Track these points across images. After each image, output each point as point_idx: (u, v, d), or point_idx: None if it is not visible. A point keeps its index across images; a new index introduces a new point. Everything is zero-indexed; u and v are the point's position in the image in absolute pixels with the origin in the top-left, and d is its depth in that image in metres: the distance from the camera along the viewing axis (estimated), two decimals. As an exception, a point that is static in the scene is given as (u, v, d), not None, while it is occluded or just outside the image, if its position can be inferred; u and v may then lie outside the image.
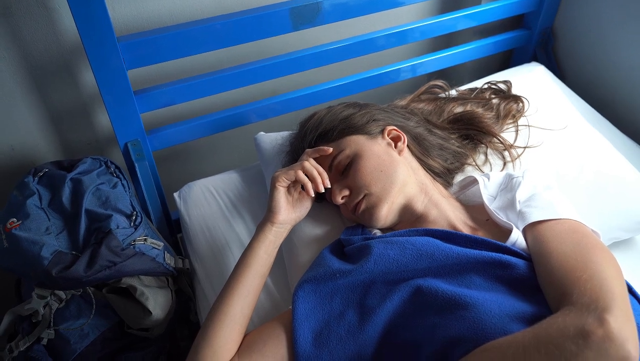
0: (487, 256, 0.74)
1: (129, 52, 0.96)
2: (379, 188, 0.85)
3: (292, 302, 0.78)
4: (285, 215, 0.86)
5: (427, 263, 0.75)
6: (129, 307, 0.96)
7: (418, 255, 0.76)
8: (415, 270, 0.76)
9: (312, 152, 0.89)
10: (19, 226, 0.91)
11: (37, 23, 1.01)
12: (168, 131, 1.15)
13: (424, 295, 0.72)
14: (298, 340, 0.74)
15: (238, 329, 0.78)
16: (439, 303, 0.70)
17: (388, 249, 0.78)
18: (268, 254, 0.84)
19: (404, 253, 0.77)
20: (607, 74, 1.38)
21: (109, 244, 0.91)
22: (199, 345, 0.76)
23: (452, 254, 0.75)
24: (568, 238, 0.73)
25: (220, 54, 1.14)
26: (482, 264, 0.74)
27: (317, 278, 0.79)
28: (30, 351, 0.93)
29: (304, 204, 0.90)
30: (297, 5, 1.06)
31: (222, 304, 0.78)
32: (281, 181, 0.85)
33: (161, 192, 1.17)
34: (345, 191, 0.87)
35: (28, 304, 0.92)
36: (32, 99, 1.11)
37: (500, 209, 0.86)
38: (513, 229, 0.78)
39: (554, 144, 1.08)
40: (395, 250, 0.77)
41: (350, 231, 0.90)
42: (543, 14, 1.42)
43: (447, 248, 0.76)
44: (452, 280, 0.74)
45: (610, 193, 1.04)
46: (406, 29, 1.26)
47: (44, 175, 1.02)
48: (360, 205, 0.86)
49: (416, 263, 0.76)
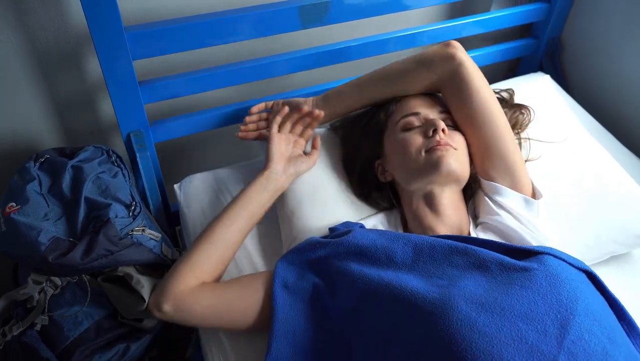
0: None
1: (135, 43, 0.96)
2: (462, 162, 0.90)
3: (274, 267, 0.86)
4: (278, 164, 0.96)
5: (402, 245, 0.80)
6: (124, 296, 0.96)
7: (394, 237, 0.81)
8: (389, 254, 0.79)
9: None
10: (17, 211, 0.91)
11: (46, 9, 1.01)
12: (171, 123, 1.15)
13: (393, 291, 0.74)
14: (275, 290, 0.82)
15: (217, 254, 0.87)
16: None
17: (370, 232, 0.83)
18: (258, 195, 0.93)
19: (383, 235, 0.82)
20: (613, 86, 1.38)
21: (107, 233, 0.91)
22: (177, 262, 0.86)
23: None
24: None
25: (227, 49, 1.14)
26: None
27: (299, 248, 0.86)
28: (24, 336, 0.93)
29: (303, 160, 0.99)
30: (306, 3, 1.06)
31: (206, 229, 0.89)
32: (274, 129, 0.99)
33: (161, 183, 1.18)
34: (446, 130, 0.90)
35: (23, 289, 0.92)
36: (36, 84, 1.11)
37: None
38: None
39: (554, 155, 1.07)
40: (376, 233, 0.83)
41: (346, 224, 0.92)
42: (552, 23, 1.41)
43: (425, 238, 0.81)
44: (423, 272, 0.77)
45: (609, 205, 1.04)
46: (414, 32, 1.26)
47: (45, 161, 1.02)
48: (449, 145, 0.88)
49: (392, 243, 0.80)
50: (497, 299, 0.68)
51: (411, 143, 0.90)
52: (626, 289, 0.96)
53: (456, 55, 0.92)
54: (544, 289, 0.69)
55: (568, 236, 1.00)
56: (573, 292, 0.68)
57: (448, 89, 0.94)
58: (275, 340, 0.77)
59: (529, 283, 0.69)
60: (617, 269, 1.06)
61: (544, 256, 0.74)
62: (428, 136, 0.89)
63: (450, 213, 0.89)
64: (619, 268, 1.07)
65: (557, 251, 0.76)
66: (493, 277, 0.72)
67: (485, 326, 0.65)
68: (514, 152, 0.91)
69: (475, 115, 0.91)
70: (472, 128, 0.92)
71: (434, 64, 0.94)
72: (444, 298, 0.68)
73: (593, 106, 1.38)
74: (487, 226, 0.88)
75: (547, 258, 0.73)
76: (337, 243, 0.83)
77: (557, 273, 0.70)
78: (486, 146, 0.91)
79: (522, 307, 0.67)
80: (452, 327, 0.65)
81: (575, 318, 0.65)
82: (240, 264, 0.99)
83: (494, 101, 0.92)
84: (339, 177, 1.03)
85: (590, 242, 1.02)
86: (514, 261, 0.74)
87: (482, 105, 0.91)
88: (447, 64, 0.93)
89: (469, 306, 0.67)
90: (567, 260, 0.75)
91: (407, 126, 0.93)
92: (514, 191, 0.89)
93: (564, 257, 0.75)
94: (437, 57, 0.94)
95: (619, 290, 0.79)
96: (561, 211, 1.02)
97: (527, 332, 0.64)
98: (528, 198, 0.89)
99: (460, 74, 0.91)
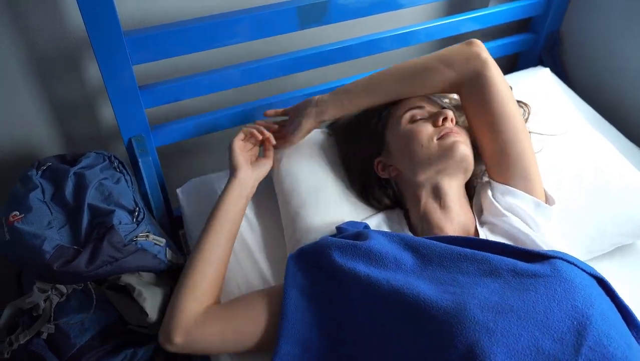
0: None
1: (135, 47, 0.96)
2: (471, 152, 0.89)
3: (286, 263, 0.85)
4: (244, 171, 0.95)
5: (410, 255, 0.79)
6: (127, 304, 0.96)
7: (404, 245, 0.80)
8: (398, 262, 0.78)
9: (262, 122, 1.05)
10: (21, 220, 0.91)
11: (44, 15, 1.01)
12: (172, 127, 1.14)
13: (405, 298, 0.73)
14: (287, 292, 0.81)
15: (213, 271, 0.86)
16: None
17: (382, 238, 0.82)
18: (235, 203, 0.93)
19: (392, 241, 0.81)
20: (613, 78, 1.37)
21: (111, 240, 0.90)
22: (177, 289, 0.85)
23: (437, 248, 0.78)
24: None
25: (226, 51, 1.13)
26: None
27: (314, 249, 0.84)
28: (31, 344, 0.93)
29: (263, 163, 1.01)
30: (305, 4, 1.06)
31: (196, 250, 0.88)
32: (234, 141, 0.98)
33: (164, 188, 1.17)
34: (454, 119, 0.90)
35: (29, 297, 0.92)
36: (36, 91, 1.10)
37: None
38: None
39: (556, 148, 1.07)
40: (386, 240, 0.82)
41: (351, 223, 0.91)
42: (550, 17, 1.41)
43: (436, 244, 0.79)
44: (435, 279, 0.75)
45: (612, 197, 1.04)
46: (412, 30, 1.25)
47: (47, 169, 1.02)
48: (457, 135, 0.88)
49: (402, 253, 0.79)
50: (512, 306, 0.66)
51: (421, 132, 0.89)
52: (629, 282, 0.97)
53: (481, 54, 0.89)
54: (559, 295, 0.67)
55: (571, 229, 1.01)
56: (588, 298, 0.67)
57: (469, 90, 0.91)
58: (284, 341, 0.76)
59: (544, 289, 0.68)
60: (621, 261, 1.06)
61: (556, 261, 0.73)
62: (438, 125, 0.88)
63: (457, 209, 0.88)
64: (623, 260, 1.07)
65: (567, 256, 0.75)
66: (506, 283, 0.71)
67: (504, 337, 0.63)
68: (530, 156, 0.89)
69: (495, 118, 0.88)
70: (489, 131, 0.89)
71: (456, 63, 0.90)
72: (459, 306, 0.67)
73: (593, 98, 1.38)
74: (493, 226, 0.87)
75: (559, 263, 0.72)
76: (352, 247, 0.80)
77: (571, 279, 0.69)
78: (503, 149, 0.88)
79: (538, 315, 0.66)
80: (470, 337, 0.63)
81: (592, 324, 0.64)
82: (243, 263, 1.00)
83: (514, 104, 0.90)
84: (342, 177, 1.03)
85: (594, 234, 1.02)
86: (525, 266, 0.72)
87: (503, 107, 0.88)
88: (470, 63, 0.89)
89: (484, 315, 0.65)
90: (578, 265, 0.73)
91: (414, 118, 0.92)
92: (527, 194, 0.88)
93: (575, 262, 0.74)
94: (460, 56, 0.90)
95: (623, 283, 0.79)
96: (564, 204, 1.01)
97: (543, 341, 0.63)
98: (540, 202, 0.88)
99: (484, 75, 0.88)
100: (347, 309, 0.78)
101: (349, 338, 0.76)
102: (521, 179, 0.88)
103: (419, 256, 0.78)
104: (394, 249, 0.79)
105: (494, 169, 0.91)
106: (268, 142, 1.01)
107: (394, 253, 0.78)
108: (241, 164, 0.96)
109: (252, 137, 1.00)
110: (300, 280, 0.81)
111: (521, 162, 0.88)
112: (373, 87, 0.97)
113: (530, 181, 0.88)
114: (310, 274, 0.82)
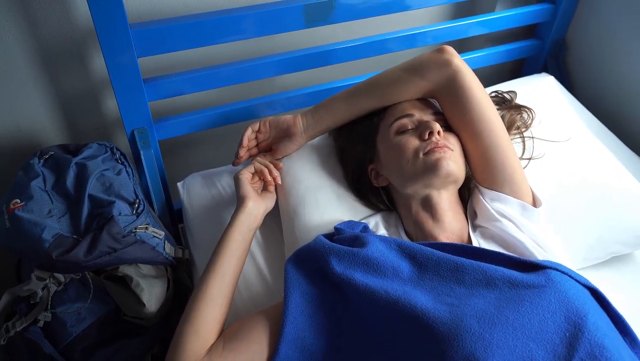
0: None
1: (140, 40, 0.96)
2: (459, 163, 0.89)
3: (284, 271, 0.83)
4: (254, 202, 0.93)
5: (408, 263, 0.78)
6: (125, 295, 0.97)
7: (401, 253, 0.79)
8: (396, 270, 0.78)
9: (261, 158, 1.01)
10: (21, 207, 0.91)
11: (51, 6, 1.01)
12: (175, 120, 1.15)
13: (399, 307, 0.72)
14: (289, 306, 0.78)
15: (218, 309, 0.82)
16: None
17: (380, 245, 0.81)
18: (243, 237, 0.90)
19: (390, 248, 0.80)
20: (617, 87, 1.37)
21: (110, 231, 0.91)
22: (181, 325, 0.80)
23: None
24: None
25: (232, 47, 1.14)
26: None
27: (309, 251, 0.83)
28: (27, 332, 0.93)
29: (269, 196, 0.99)
30: (311, 2, 1.06)
31: (202, 285, 0.84)
32: (244, 173, 0.96)
33: (165, 181, 1.18)
34: (441, 132, 0.88)
35: (27, 285, 0.93)
36: (41, 81, 1.11)
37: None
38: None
39: (557, 155, 1.07)
40: (385, 246, 0.81)
41: (350, 223, 0.91)
42: (556, 24, 1.41)
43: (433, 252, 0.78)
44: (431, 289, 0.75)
45: (611, 205, 1.04)
46: (418, 32, 1.25)
47: (50, 158, 1.02)
48: (446, 147, 0.87)
49: (399, 261, 0.78)
50: (508, 318, 0.67)
51: (407, 146, 0.88)
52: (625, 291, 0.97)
53: (452, 62, 0.89)
54: (554, 306, 0.68)
55: (571, 236, 1.00)
56: (582, 308, 0.68)
57: (444, 98, 0.91)
58: (284, 344, 0.76)
59: (539, 301, 0.68)
60: (617, 270, 1.06)
61: (550, 271, 0.73)
62: (424, 139, 0.87)
63: (450, 219, 0.88)
64: (620, 269, 1.07)
65: (562, 266, 0.75)
66: (502, 294, 0.71)
67: (499, 348, 0.64)
68: (512, 160, 0.89)
69: (473, 123, 0.88)
70: (470, 136, 0.90)
71: (428, 72, 0.90)
72: (455, 317, 0.67)
73: (597, 107, 1.38)
74: (487, 232, 0.87)
75: (553, 273, 0.72)
76: (350, 254, 0.79)
77: (565, 290, 0.69)
78: (484, 154, 0.89)
79: (532, 326, 0.66)
80: (466, 347, 0.64)
81: (585, 335, 0.65)
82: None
83: (491, 108, 0.90)
84: (341, 176, 1.03)
85: (593, 242, 1.02)
86: (520, 276, 0.72)
87: (480, 113, 0.88)
88: (442, 72, 0.89)
89: (481, 326, 0.66)
90: (572, 276, 0.74)
91: (401, 128, 0.91)
92: (513, 198, 0.88)
93: (569, 272, 0.74)
94: (431, 65, 0.90)
95: (618, 291, 0.79)
96: (564, 211, 1.02)
97: (537, 352, 0.64)
98: (527, 205, 0.88)
99: (457, 82, 0.88)
100: (347, 316, 0.78)
101: (348, 345, 0.76)
102: (506, 182, 0.88)
103: (416, 264, 0.78)
104: (391, 256, 0.79)
105: (479, 175, 0.91)
106: (275, 181, 0.99)
107: (391, 261, 0.78)
108: (251, 194, 0.94)
109: (261, 174, 0.99)
110: (302, 286, 0.80)
111: (504, 165, 0.88)
112: (349, 101, 0.97)
113: (515, 184, 0.88)
114: (311, 280, 0.81)
